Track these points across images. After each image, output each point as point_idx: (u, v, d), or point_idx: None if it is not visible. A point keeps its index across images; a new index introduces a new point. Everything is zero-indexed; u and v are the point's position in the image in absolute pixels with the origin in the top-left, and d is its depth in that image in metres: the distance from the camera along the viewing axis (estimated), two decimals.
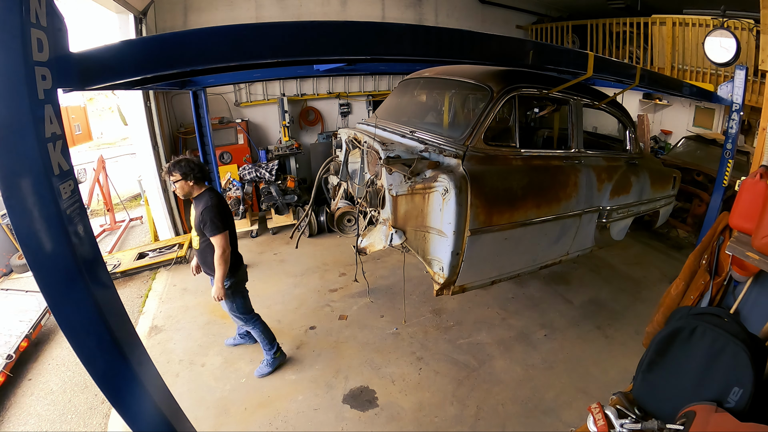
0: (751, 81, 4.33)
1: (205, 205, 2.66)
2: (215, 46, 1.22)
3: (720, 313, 1.92)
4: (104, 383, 1.20)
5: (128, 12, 4.63)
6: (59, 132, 0.98)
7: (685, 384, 1.75)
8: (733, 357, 1.64)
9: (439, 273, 2.58)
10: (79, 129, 15.56)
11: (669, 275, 4.35)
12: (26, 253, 0.99)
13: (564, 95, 2.90)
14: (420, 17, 7.02)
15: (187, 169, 2.63)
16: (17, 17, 0.86)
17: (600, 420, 1.71)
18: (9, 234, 4.94)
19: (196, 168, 2.67)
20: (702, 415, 1.53)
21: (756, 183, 2.28)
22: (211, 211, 2.63)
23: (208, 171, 3.12)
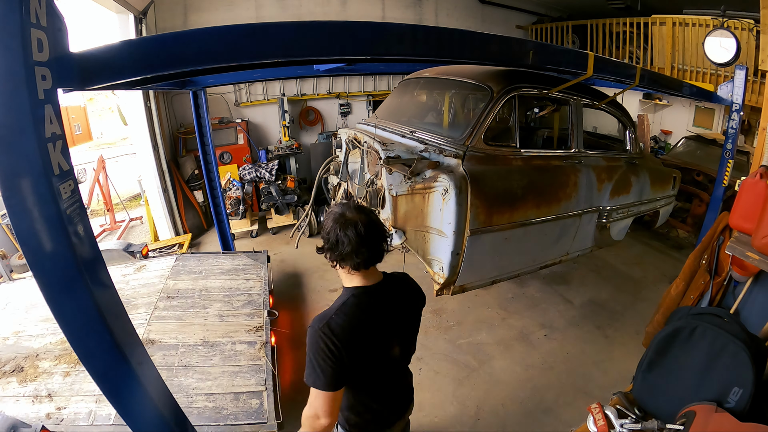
0: (751, 81, 4.33)
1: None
2: (215, 46, 1.22)
3: (720, 313, 1.92)
4: (104, 383, 1.20)
5: (128, 12, 4.63)
6: (59, 132, 0.98)
7: (685, 384, 1.76)
8: (733, 357, 1.64)
9: (439, 273, 2.58)
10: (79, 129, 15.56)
11: (669, 275, 4.35)
12: (26, 253, 0.99)
13: (564, 95, 2.90)
14: (420, 17, 7.02)
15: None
16: (17, 17, 0.86)
17: (600, 420, 1.71)
18: (9, 234, 4.94)
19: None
20: (702, 415, 1.53)
21: (756, 183, 2.28)
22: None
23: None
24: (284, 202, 5.83)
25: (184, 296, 3.31)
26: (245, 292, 3.39)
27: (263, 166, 5.77)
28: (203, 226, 6.11)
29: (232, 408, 2.26)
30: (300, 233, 3.82)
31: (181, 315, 3.07)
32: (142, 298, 3.27)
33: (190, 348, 2.72)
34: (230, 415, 2.20)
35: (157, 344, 2.74)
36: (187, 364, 2.56)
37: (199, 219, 6.04)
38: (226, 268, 3.83)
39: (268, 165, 5.78)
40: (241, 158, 6.16)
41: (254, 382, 2.44)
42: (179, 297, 3.30)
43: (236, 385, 2.41)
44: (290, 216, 5.93)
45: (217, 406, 2.26)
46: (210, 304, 3.24)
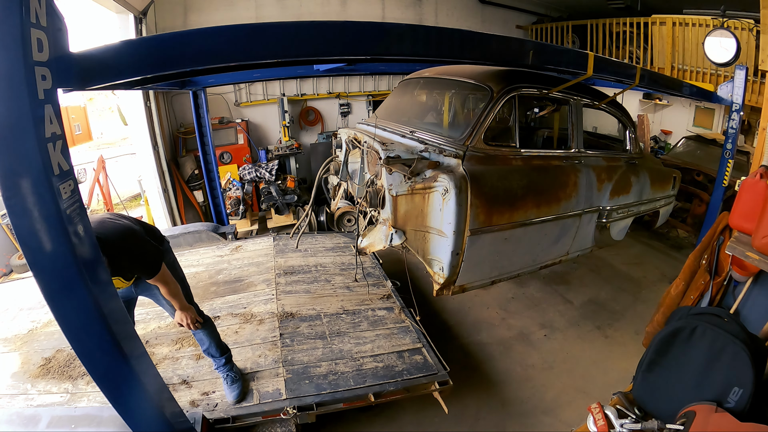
0: (751, 81, 4.32)
1: None
2: (215, 46, 1.22)
3: (720, 313, 1.92)
4: (104, 383, 1.21)
5: (128, 12, 4.63)
6: (59, 132, 0.98)
7: (685, 384, 1.75)
8: (733, 357, 1.64)
9: (439, 273, 2.58)
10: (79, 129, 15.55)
11: (669, 275, 4.35)
12: (26, 253, 0.99)
13: (564, 95, 2.90)
14: (420, 17, 7.02)
15: None
16: (17, 17, 0.86)
17: (600, 420, 1.71)
18: (9, 234, 4.94)
19: None
20: (702, 415, 1.53)
21: (756, 183, 2.28)
22: None
23: None
24: (284, 202, 5.83)
25: (300, 272, 3.51)
26: (359, 266, 3.59)
27: (263, 166, 5.77)
28: None
29: (401, 365, 2.49)
30: (300, 233, 3.82)
31: (308, 288, 3.24)
32: (255, 276, 3.44)
33: (334, 317, 2.87)
34: (403, 371, 2.44)
35: (298, 316, 2.92)
36: (339, 332, 2.75)
37: (199, 219, 6.03)
38: (328, 246, 4.11)
39: (268, 165, 5.78)
40: (241, 158, 6.16)
41: (409, 341, 2.70)
42: (296, 273, 3.50)
43: (395, 345, 2.65)
44: (290, 216, 5.93)
45: (387, 365, 2.48)
46: (331, 277, 3.44)
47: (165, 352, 2.60)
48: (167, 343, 2.68)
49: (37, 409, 2.13)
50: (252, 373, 2.41)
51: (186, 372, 2.44)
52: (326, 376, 2.40)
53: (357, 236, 2.88)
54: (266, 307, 3.05)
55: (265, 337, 2.72)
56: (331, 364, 2.49)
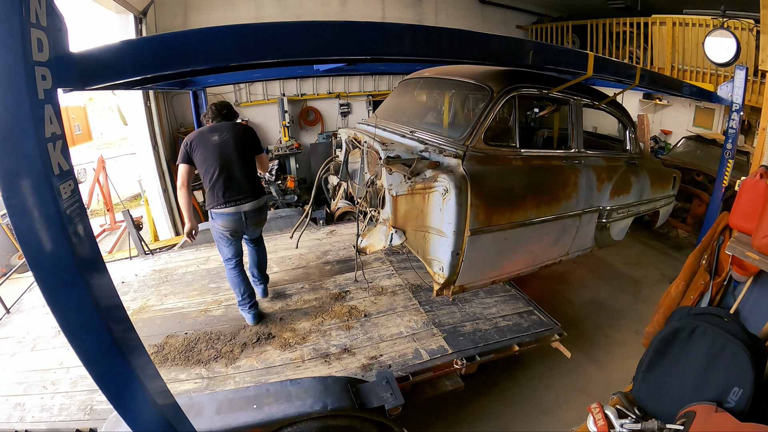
0: (751, 81, 4.33)
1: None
2: (215, 46, 1.22)
3: (720, 313, 1.92)
4: (104, 383, 1.21)
5: (128, 12, 4.64)
6: (59, 132, 0.98)
7: (685, 384, 1.75)
8: (733, 357, 1.64)
9: (439, 273, 2.58)
10: (79, 129, 15.56)
11: (669, 275, 4.35)
12: (26, 253, 0.99)
13: (564, 95, 2.90)
14: (420, 17, 7.02)
15: None
16: (17, 17, 0.86)
17: (600, 420, 1.71)
18: (9, 234, 4.94)
19: None
20: (702, 415, 1.53)
21: (756, 183, 2.28)
22: None
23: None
24: (284, 202, 5.83)
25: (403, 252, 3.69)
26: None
27: None
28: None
29: (525, 323, 2.90)
30: (300, 233, 3.82)
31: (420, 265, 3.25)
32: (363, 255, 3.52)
33: None
34: (530, 327, 2.85)
35: (425, 287, 3.22)
36: (464, 299, 3.12)
37: (199, 219, 6.04)
38: None
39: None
40: None
41: (522, 305, 3.13)
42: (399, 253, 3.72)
43: (513, 309, 3.06)
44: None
45: (515, 323, 2.89)
46: None
47: (308, 327, 2.79)
48: (304, 318, 2.88)
49: (192, 396, 2.06)
50: (410, 335, 2.70)
51: (342, 342, 2.63)
52: (473, 333, 2.75)
53: (357, 236, 2.89)
54: (391, 281, 3.35)
55: (406, 305, 3.02)
56: (472, 324, 2.85)
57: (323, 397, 1.94)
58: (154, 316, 2.94)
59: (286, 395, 1.94)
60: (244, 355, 2.51)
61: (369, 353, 2.51)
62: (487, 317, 2.92)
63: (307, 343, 2.60)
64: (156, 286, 3.35)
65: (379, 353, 2.51)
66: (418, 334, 2.70)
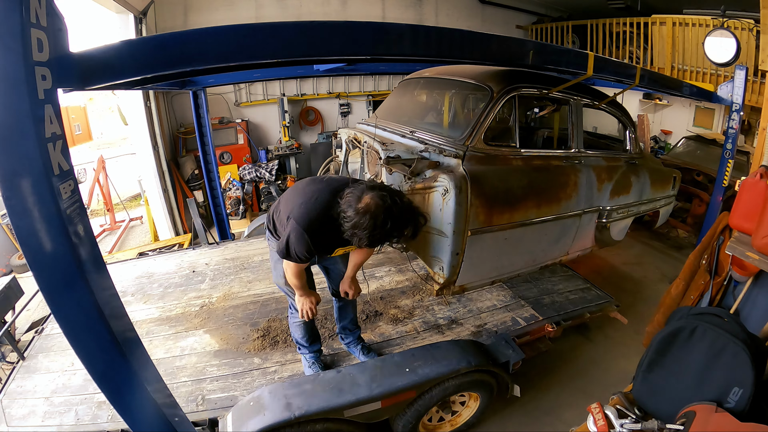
0: (751, 81, 4.33)
1: None
2: (215, 46, 1.22)
3: (720, 313, 1.92)
4: (104, 383, 1.21)
5: (128, 12, 4.64)
6: (59, 132, 0.98)
7: (685, 384, 1.75)
8: (733, 357, 1.64)
9: (439, 273, 2.58)
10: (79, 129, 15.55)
11: (669, 275, 4.35)
12: (26, 253, 0.99)
13: (564, 95, 2.90)
14: (420, 17, 7.02)
15: None
16: (17, 17, 0.86)
17: (600, 420, 1.71)
18: (9, 234, 4.94)
19: None
20: (702, 415, 1.53)
21: (756, 183, 2.28)
22: None
23: None
24: None
25: None
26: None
27: (263, 166, 5.77)
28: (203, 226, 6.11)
29: (589, 296, 3.23)
30: None
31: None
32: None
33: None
34: (592, 300, 3.19)
35: None
36: (536, 278, 3.39)
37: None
38: None
39: (268, 165, 5.79)
40: (241, 158, 6.16)
41: (581, 283, 3.42)
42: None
43: (576, 285, 3.38)
44: None
45: (580, 296, 3.23)
46: None
47: (410, 304, 2.94)
48: (403, 297, 3.04)
49: (341, 369, 2.17)
50: (503, 306, 2.99)
51: (446, 315, 2.85)
52: (552, 304, 3.07)
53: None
54: None
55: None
56: (549, 297, 3.16)
57: (464, 356, 2.22)
58: (244, 302, 3.00)
59: (432, 357, 2.18)
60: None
61: (474, 323, 2.79)
62: (558, 292, 3.26)
63: (414, 317, 2.80)
64: (234, 273, 3.40)
65: (483, 322, 2.80)
66: (510, 306, 3.00)
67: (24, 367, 2.47)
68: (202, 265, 3.57)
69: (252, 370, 2.37)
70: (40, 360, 2.53)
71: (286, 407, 1.86)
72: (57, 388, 2.30)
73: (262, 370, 2.38)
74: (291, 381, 2.08)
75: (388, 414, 2.12)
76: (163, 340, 2.64)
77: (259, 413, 1.85)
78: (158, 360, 2.45)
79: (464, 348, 2.30)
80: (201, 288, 3.20)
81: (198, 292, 3.15)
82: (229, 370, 2.37)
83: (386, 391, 1.99)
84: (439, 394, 2.20)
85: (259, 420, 1.82)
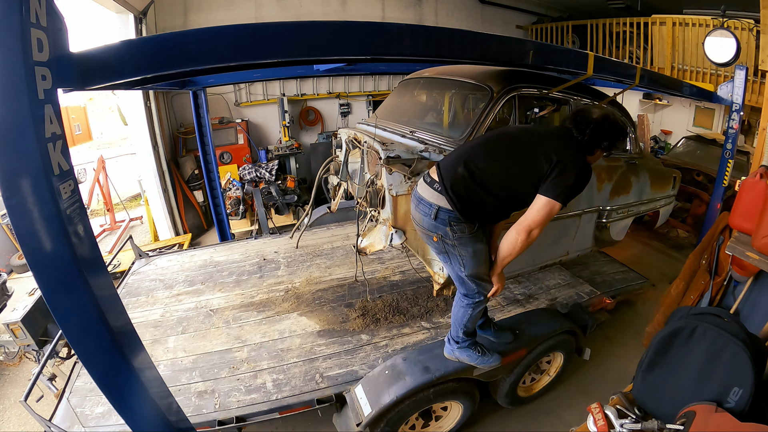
0: (751, 81, 4.32)
1: None
2: (215, 46, 1.22)
3: (720, 313, 1.92)
4: (104, 383, 1.21)
5: (128, 12, 4.64)
6: (59, 132, 0.98)
7: (685, 384, 1.75)
8: (733, 357, 1.64)
9: (439, 273, 2.58)
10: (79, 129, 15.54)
11: (669, 275, 4.35)
12: (26, 253, 0.99)
13: (564, 95, 2.89)
14: (420, 17, 7.02)
15: None
16: (17, 17, 0.86)
17: (600, 420, 1.71)
18: (9, 234, 4.94)
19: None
20: (702, 415, 1.53)
21: (756, 183, 2.28)
22: None
23: None
24: (284, 202, 5.83)
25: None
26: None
27: (263, 166, 5.77)
28: (203, 226, 6.11)
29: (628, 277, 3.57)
30: (300, 233, 3.82)
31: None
32: None
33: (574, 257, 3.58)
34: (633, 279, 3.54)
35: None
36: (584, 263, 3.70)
37: (199, 219, 6.04)
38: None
39: (268, 165, 5.79)
40: (241, 158, 6.16)
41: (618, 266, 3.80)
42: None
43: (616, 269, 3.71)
44: (290, 216, 5.93)
45: (623, 277, 3.56)
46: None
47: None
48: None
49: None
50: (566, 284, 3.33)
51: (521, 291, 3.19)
52: (603, 282, 3.42)
53: (357, 236, 2.89)
54: None
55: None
56: (600, 276, 3.49)
57: (557, 320, 2.64)
58: (330, 286, 3.16)
59: (534, 322, 2.57)
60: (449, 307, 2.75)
61: (546, 297, 3.10)
62: (605, 273, 3.59)
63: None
64: (309, 260, 3.54)
65: (553, 296, 3.11)
66: (571, 283, 3.32)
67: None
68: (271, 253, 3.72)
69: (363, 346, 2.51)
70: None
71: (424, 371, 2.11)
72: None
73: (372, 345, 2.53)
74: (419, 348, 2.33)
75: (504, 372, 2.43)
76: (255, 325, 2.72)
77: (399, 379, 2.07)
78: (258, 344, 2.55)
79: (554, 314, 2.72)
80: (279, 275, 3.32)
81: (276, 278, 3.27)
82: (339, 347, 2.50)
83: (506, 350, 2.30)
84: (538, 354, 2.54)
85: (401, 385, 2.04)
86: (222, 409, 2.08)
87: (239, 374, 2.32)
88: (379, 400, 2.03)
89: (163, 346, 2.55)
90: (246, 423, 2.05)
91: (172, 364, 2.39)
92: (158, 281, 3.34)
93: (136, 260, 3.69)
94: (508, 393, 2.58)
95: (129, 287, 3.27)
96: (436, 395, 2.20)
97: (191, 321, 2.79)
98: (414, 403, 2.12)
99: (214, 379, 2.29)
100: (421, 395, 2.12)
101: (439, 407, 2.45)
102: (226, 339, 2.60)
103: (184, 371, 2.34)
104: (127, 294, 3.17)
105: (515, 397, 2.67)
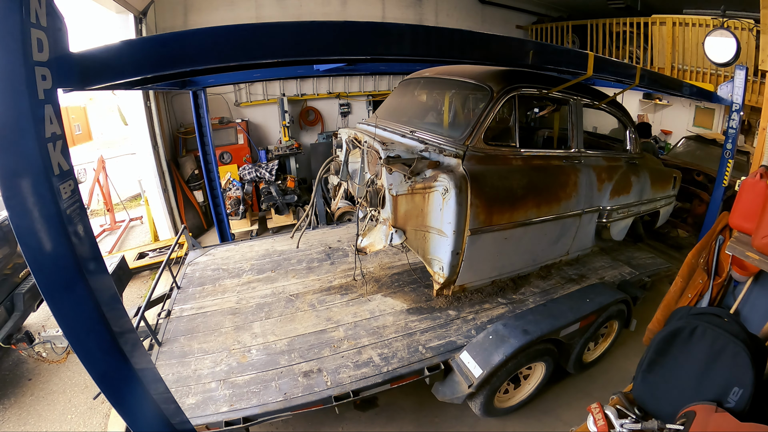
0: (751, 81, 4.33)
1: None
2: (215, 46, 1.22)
3: (720, 313, 1.92)
4: (104, 383, 1.21)
5: (128, 12, 4.64)
6: (59, 132, 0.98)
7: (685, 384, 1.75)
8: (733, 357, 1.64)
9: (439, 272, 2.58)
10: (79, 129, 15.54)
11: (669, 275, 4.34)
12: (26, 253, 0.99)
13: (564, 95, 2.90)
14: (420, 17, 7.02)
15: None
16: (17, 17, 0.86)
17: (600, 420, 1.71)
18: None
19: None
20: (702, 415, 1.53)
21: (756, 183, 2.28)
22: None
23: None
24: (284, 202, 5.83)
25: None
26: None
27: (263, 166, 5.77)
28: (203, 226, 6.11)
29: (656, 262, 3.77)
30: (301, 233, 3.82)
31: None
32: None
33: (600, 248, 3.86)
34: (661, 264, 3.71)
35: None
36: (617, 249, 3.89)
37: (199, 219, 6.04)
38: None
39: (268, 165, 5.78)
40: (241, 158, 6.16)
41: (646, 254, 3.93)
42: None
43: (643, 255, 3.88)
44: (290, 216, 5.93)
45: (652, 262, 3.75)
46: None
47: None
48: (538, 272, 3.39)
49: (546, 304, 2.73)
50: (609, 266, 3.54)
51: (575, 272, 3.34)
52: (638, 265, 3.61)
53: (357, 236, 2.89)
54: None
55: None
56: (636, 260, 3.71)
57: (615, 291, 2.92)
58: (403, 270, 3.27)
59: (597, 293, 2.85)
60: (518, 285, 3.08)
61: (596, 276, 3.32)
62: (638, 258, 3.79)
63: (552, 275, 3.25)
64: None
65: (601, 276, 3.33)
66: (614, 265, 3.55)
67: (163, 353, 2.40)
68: (334, 242, 3.83)
69: (453, 320, 2.69)
70: (183, 343, 2.48)
71: (524, 333, 2.36)
72: (231, 368, 2.25)
73: (461, 318, 2.71)
74: (514, 315, 2.60)
75: (579, 335, 2.70)
76: (343, 307, 2.83)
77: (504, 342, 2.31)
78: (353, 323, 2.65)
79: (611, 286, 3.03)
80: (349, 261, 3.40)
81: (348, 264, 3.36)
82: (432, 322, 2.66)
83: (582, 315, 2.60)
84: (603, 320, 2.80)
85: (507, 346, 2.28)
86: (336, 385, 2.12)
87: (342, 351, 2.38)
88: (489, 360, 2.24)
89: (249, 332, 2.57)
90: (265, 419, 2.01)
91: (265, 348, 2.41)
92: (221, 270, 3.35)
93: (190, 251, 3.69)
94: (577, 359, 2.81)
95: (189, 277, 3.27)
96: (528, 358, 2.46)
97: (273, 306, 2.83)
98: (514, 364, 2.36)
99: (317, 359, 2.33)
100: (520, 356, 2.35)
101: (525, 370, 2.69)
102: (317, 321, 2.66)
103: (282, 354, 2.37)
104: (189, 284, 3.19)
105: (581, 363, 2.94)
